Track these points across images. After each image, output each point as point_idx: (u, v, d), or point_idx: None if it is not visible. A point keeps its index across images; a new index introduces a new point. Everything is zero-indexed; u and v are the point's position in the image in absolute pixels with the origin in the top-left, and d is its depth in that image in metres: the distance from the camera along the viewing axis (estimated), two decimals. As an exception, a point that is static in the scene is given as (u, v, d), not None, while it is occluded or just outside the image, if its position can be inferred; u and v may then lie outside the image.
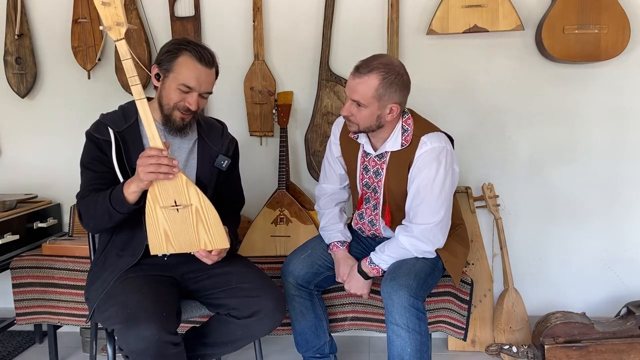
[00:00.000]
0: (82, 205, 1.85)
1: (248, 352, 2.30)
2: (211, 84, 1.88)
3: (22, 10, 2.70)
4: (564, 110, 2.66)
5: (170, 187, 1.74)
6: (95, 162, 1.86)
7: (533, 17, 2.59)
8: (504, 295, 2.57)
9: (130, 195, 1.74)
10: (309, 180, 2.76)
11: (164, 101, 1.86)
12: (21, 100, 2.80)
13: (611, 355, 2.35)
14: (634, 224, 2.71)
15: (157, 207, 1.75)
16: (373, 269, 2.07)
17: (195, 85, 1.82)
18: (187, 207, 1.76)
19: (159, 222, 1.76)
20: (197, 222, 1.78)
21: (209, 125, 2.04)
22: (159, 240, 1.78)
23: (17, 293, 2.39)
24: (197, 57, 1.81)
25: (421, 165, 2.00)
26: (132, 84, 1.73)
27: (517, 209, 2.73)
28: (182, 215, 1.77)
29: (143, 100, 1.73)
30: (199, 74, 1.82)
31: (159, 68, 1.86)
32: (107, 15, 1.69)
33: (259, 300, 1.84)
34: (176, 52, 1.82)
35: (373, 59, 1.97)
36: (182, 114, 1.85)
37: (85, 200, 1.84)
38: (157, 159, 1.68)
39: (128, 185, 1.74)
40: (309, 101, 2.70)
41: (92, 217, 1.83)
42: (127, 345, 1.64)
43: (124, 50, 1.71)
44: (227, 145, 2.03)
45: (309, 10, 2.68)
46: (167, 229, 1.77)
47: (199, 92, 1.84)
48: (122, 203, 1.75)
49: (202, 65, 1.82)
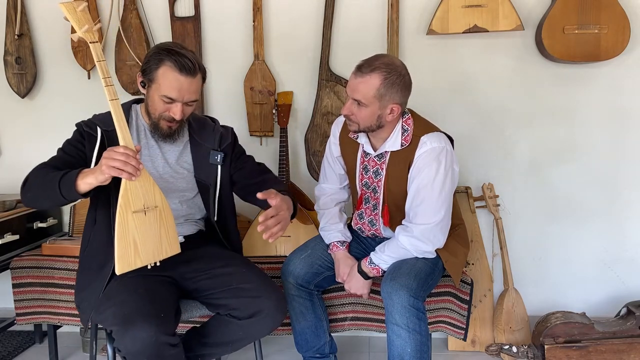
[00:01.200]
0: (30, 174, 1.80)
1: (248, 352, 2.30)
2: (195, 93, 1.85)
3: (22, 10, 2.70)
4: (564, 110, 2.66)
5: (140, 189, 1.70)
6: (70, 147, 1.86)
7: (533, 17, 2.59)
8: (504, 295, 2.57)
9: (83, 185, 1.66)
10: (309, 180, 2.75)
11: (150, 110, 1.87)
12: (21, 100, 2.80)
13: (611, 355, 2.35)
14: (634, 224, 2.71)
15: (129, 213, 1.67)
16: (373, 269, 2.07)
17: (177, 96, 1.81)
18: (154, 209, 1.72)
19: (129, 232, 1.68)
20: (160, 226, 1.74)
21: (200, 124, 2.03)
22: (128, 253, 1.68)
23: (17, 293, 2.38)
24: (177, 67, 1.79)
25: (421, 165, 2.00)
26: (105, 85, 1.70)
27: (517, 209, 2.73)
28: (149, 220, 1.71)
29: (116, 101, 1.70)
30: (181, 85, 1.80)
31: (143, 77, 1.85)
32: (81, 19, 1.68)
33: (259, 300, 1.83)
34: (157, 63, 1.81)
35: (375, 58, 1.97)
36: (168, 122, 1.86)
37: (36, 169, 1.80)
38: (126, 156, 1.62)
39: (85, 174, 1.66)
40: (309, 101, 2.70)
41: (35, 186, 1.78)
42: (124, 346, 1.63)
43: (99, 52, 1.70)
44: (218, 139, 2.00)
45: (309, 10, 2.68)
46: (136, 239, 1.69)
47: (182, 102, 1.82)
48: (70, 188, 1.67)
49: (184, 75, 1.79)
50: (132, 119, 1.94)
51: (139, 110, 1.97)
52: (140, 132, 1.94)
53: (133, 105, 1.98)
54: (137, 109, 1.97)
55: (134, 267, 1.70)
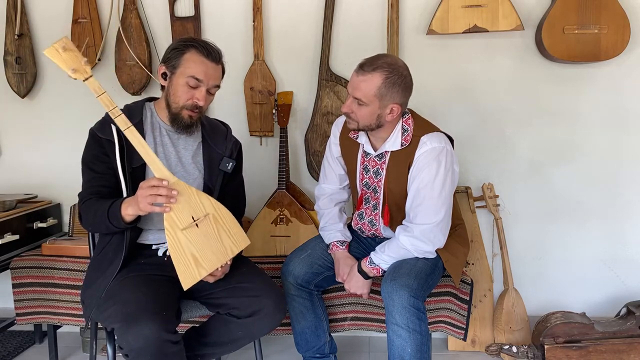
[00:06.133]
0: (82, 209, 1.87)
1: (248, 352, 2.30)
2: (218, 79, 1.90)
3: (22, 10, 2.70)
4: (564, 110, 2.66)
5: (184, 204, 1.73)
6: (96, 162, 1.86)
7: (533, 17, 2.59)
8: (504, 295, 2.57)
9: (127, 217, 1.75)
10: (309, 180, 2.75)
11: (172, 99, 1.86)
12: (21, 100, 2.80)
13: (611, 355, 2.35)
14: (633, 224, 2.71)
15: (178, 232, 1.71)
16: (373, 269, 2.07)
17: (204, 78, 1.83)
18: (205, 217, 1.75)
19: (184, 249, 1.72)
20: (219, 229, 1.78)
21: (212, 127, 2.04)
22: (190, 268, 1.73)
23: (17, 293, 2.39)
24: (204, 52, 1.83)
25: (421, 165, 2.00)
26: (114, 117, 1.72)
27: (517, 209, 2.73)
28: (202, 229, 1.75)
29: (131, 128, 1.72)
30: (207, 68, 1.84)
31: (166, 66, 1.87)
32: (67, 60, 1.66)
33: (259, 300, 1.84)
34: (183, 49, 1.84)
35: (378, 57, 1.97)
36: (191, 111, 1.86)
37: (85, 205, 1.85)
38: (157, 189, 1.68)
39: (126, 206, 1.74)
40: (309, 101, 2.70)
41: (91, 223, 1.87)
42: (126, 343, 1.64)
43: (96, 86, 1.68)
44: (230, 148, 2.02)
45: (309, 10, 2.68)
46: (194, 252, 1.73)
47: (206, 86, 1.85)
48: (118, 220, 1.76)
49: (210, 60, 1.84)
50: (146, 116, 1.94)
51: (153, 108, 1.96)
52: (155, 130, 1.94)
53: (146, 103, 1.98)
54: (152, 107, 1.96)
55: (200, 279, 1.76)
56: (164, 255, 1.92)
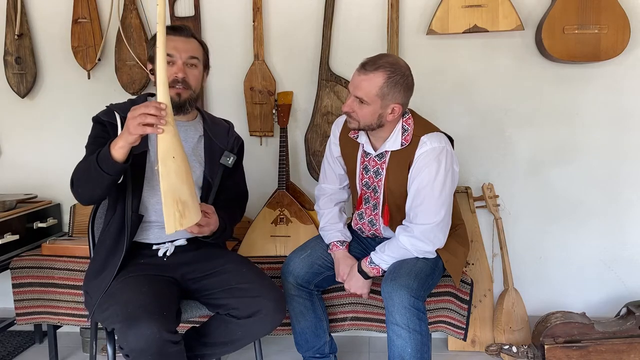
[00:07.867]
0: (73, 172, 1.81)
1: (248, 352, 2.30)
2: (193, 51, 1.90)
3: (22, 10, 2.70)
4: (564, 110, 2.66)
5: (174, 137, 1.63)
6: (99, 139, 1.84)
7: (533, 17, 2.59)
8: (504, 295, 2.57)
9: (117, 152, 1.64)
10: (309, 180, 2.75)
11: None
12: (21, 100, 2.80)
13: (611, 355, 2.35)
14: (633, 224, 2.71)
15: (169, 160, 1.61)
16: (373, 269, 2.07)
17: (174, 51, 1.85)
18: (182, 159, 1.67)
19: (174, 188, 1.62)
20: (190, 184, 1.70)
21: (214, 122, 2.06)
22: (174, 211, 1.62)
23: (17, 293, 2.39)
24: (169, 31, 1.84)
25: (421, 165, 2.00)
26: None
27: (517, 209, 2.73)
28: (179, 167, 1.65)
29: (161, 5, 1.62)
30: (175, 42, 1.86)
31: (150, 61, 1.92)
32: None
33: (259, 300, 1.84)
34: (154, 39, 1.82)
35: (380, 57, 1.97)
36: (175, 89, 1.86)
37: (76, 166, 1.81)
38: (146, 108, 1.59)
39: (115, 141, 1.65)
40: (309, 101, 2.70)
41: (80, 180, 1.77)
42: (127, 344, 1.64)
43: None
44: (232, 143, 2.04)
45: (309, 10, 2.68)
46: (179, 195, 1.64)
47: (181, 59, 1.87)
48: (108, 161, 1.65)
49: (175, 34, 1.87)
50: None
51: None
52: None
53: (148, 97, 2.00)
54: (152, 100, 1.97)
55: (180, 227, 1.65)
56: (164, 255, 1.93)
